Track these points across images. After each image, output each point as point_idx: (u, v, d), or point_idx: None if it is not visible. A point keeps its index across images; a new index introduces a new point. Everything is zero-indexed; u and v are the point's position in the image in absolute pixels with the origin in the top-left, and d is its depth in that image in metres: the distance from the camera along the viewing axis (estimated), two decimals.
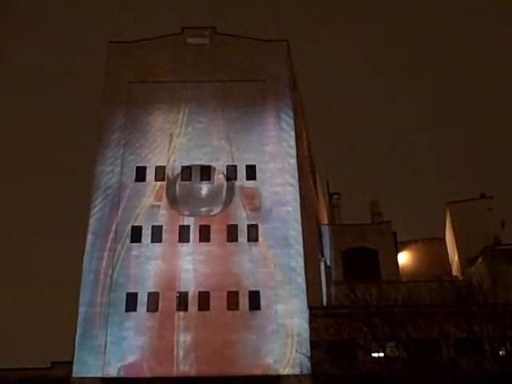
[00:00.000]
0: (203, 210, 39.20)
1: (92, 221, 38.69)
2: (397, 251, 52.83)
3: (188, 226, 38.67)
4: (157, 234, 38.46)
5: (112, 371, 34.59)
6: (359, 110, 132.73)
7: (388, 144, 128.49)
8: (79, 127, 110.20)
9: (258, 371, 34.35)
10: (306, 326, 35.17)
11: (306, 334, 34.82)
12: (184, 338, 35.35)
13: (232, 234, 38.45)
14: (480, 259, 47.00)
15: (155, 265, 37.45)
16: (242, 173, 40.31)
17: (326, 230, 52.56)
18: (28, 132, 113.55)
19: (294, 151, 41.21)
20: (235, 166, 40.53)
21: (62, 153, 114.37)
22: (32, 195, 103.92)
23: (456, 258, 52.94)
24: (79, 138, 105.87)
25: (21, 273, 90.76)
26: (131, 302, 36.43)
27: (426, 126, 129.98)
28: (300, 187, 40.40)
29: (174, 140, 41.41)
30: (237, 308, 36.17)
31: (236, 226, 38.63)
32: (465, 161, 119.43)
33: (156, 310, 36.23)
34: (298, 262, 37.25)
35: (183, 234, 38.44)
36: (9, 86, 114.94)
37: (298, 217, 38.92)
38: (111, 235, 38.14)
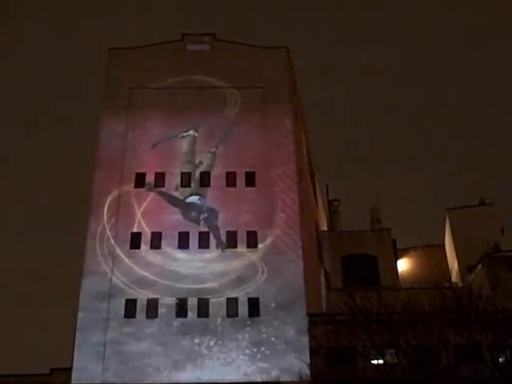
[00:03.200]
0: (202, 216, 39.22)
1: (92, 226, 38.68)
2: (396, 258, 52.84)
3: (187, 233, 38.66)
4: (156, 241, 38.46)
5: (111, 377, 34.48)
6: (360, 115, 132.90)
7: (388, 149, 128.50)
8: (79, 132, 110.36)
9: (258, 378, 34.28)
10: (305, 332, 35.09)
11: (305, 341, 34.74)
12: (183, 345, 35.29)
13: (231, 240, 38.46)
14: (480, 266, 46.99)
15: (154, 271, 37.41)
16: (241, 179, 40.36)
17: (325, 236, 52.58)
18: (27, 134, 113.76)
19: (293, 157, 41.25)
20: (234, 173, 40.57)
21: (63, 158, 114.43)
22: (33, 200, 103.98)
23: (455, 264, 52.94)
24: (79, 144, 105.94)
25: (20, 278, 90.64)
26: (130, 308, 36.36)
27: (426, 131, 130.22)
28: (299, 193, 40.43)
29: (173, 146, 41.47)
30: (236, 315, 36.13)
31: (235, 233, 38.63)
32: (464, 167, 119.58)
33: (155, 316, 36.16)
34: (297, 269, 37.19)
35: (182, 241, 38.43)
36: (9, 87, 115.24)
37: (298, 223, 38.91)
38: (111, 241, 38.13)
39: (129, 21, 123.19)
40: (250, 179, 40.36)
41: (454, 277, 51.68)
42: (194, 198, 39.79)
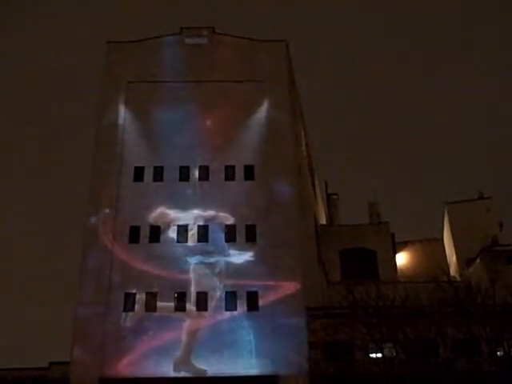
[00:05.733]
0: (201, 210, 39.18)
1: (90, 220, 38.63)
2: (395, 252, 52.89)
3: (186, 226, 38.66)
4: (155, 234, 38.45)
5: (110, 371, 34.53)
6: (360, 110, 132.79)
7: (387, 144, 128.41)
8: (78, 127, 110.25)
9: (256, 371, 34.33)
10: (303, 326, 35.12)
11: (303, 335, 34.76)
12: (182, 338, 35.32)
13: (230, 233, 38.45)
14: (478, 260, 47.11)
15: (153, 265, 37.40)
16: (240, 173, 40.30)
17: (324, 230, 52.58)
18: (27, 132, 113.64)
19: (292, 151, 41.17)
20: (233, 166, 40.51)
21: (61, 152, 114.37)
22: (32, 195, 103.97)
23: (454, 258, 53.02)
24: (78, 138, 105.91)
25: (19, 272, 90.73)
26: (129, 301, 36.40)
27: (425, 126, 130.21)
28: (298, 187, 40.38)
29: (171, 140, 41.36)
30: (235, 308, 36.16)
31: (234, 226, 38.62)
32: (463, 161, 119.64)
33: (154, 310, 36.20)
34: (296, 263, 37.17)
35: (181, 235, 38.43)
36: (8, 85, 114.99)
37: (296, 217, 38.88)
38: (109, 235, 38.09)
39: (127, 14, 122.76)
40: (249, 173, 40.30)
41: (453, 270, 51.77)
42: None
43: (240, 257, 37.65)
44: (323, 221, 57.64)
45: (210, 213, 39.04)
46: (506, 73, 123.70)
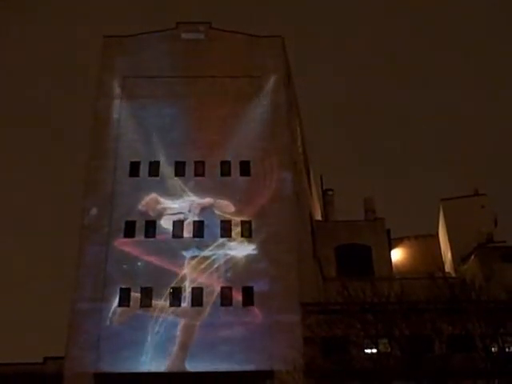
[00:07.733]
0: (197, 205, 39.15)
1: (86, 216, 38.58)
2: (390, 248, 53.01)
3: (181, 222, 38.65)
4: (150, 230, 38.42)
5: (104, 367, 34.51)
6: (354, 106, 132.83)
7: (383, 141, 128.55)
8: (74, 121, 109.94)
9: (251, 367, 34.37)
10: (299, 322, 35.16)
11: (299, 331, 34.81)
12: (177, 334, 35.33)
13: (225, 229, 38.44)
14: (473, 256, 47.30)
15: (148, 260, 37.39)
16: (236, 168, 40.29)
17: (319, 226, 52.65)
18: (26, 127, 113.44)
19: (288, 147, 41.19)
20: (229, 162, 40.50)
21: (57, 147, 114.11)
22: (28, 189, 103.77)
23: (449, 255, 53.17)
24: (74, 132, 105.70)
25: (13, 268, 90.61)
26: (124, 297, 36.37)
27: (421, 123, 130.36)
28: (294, 183, 40.41)
29: (167, 135, 41.30)
30: (230, 304, 36.18)
31: (230, 222, 38.62)
32: (458, 158, 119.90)
33: (149, 305, 36.18)
34: (291, 258, 37.22)
35: (177, 230, 38.42)
36: (7, 82, 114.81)
37: (292, 213, 38.92)
38: (105, 230, 38.04)
39: (124, 9, 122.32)
40: (245, 169, 40.30)
41: (448, 267, 51.92)
42: None
43: (235, 252, 37.64)
44: (318, 217, 57.70)
45: (208, 200, 39.01)
46: (504, 70, 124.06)
